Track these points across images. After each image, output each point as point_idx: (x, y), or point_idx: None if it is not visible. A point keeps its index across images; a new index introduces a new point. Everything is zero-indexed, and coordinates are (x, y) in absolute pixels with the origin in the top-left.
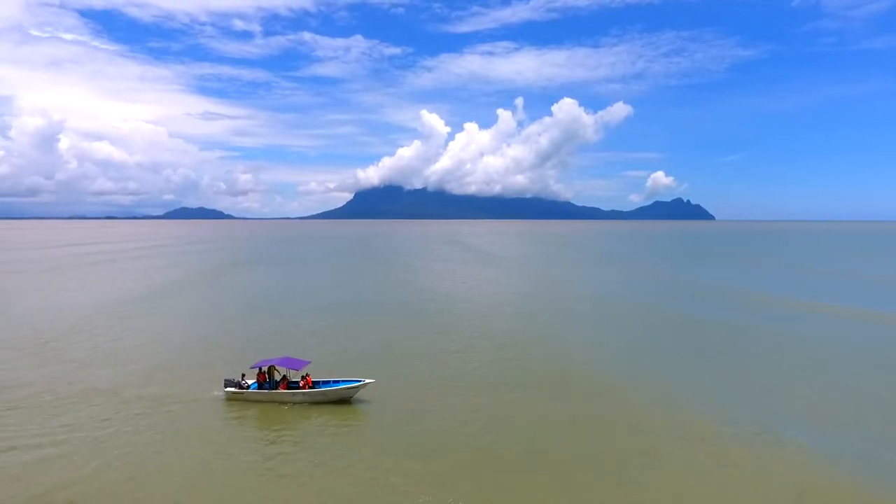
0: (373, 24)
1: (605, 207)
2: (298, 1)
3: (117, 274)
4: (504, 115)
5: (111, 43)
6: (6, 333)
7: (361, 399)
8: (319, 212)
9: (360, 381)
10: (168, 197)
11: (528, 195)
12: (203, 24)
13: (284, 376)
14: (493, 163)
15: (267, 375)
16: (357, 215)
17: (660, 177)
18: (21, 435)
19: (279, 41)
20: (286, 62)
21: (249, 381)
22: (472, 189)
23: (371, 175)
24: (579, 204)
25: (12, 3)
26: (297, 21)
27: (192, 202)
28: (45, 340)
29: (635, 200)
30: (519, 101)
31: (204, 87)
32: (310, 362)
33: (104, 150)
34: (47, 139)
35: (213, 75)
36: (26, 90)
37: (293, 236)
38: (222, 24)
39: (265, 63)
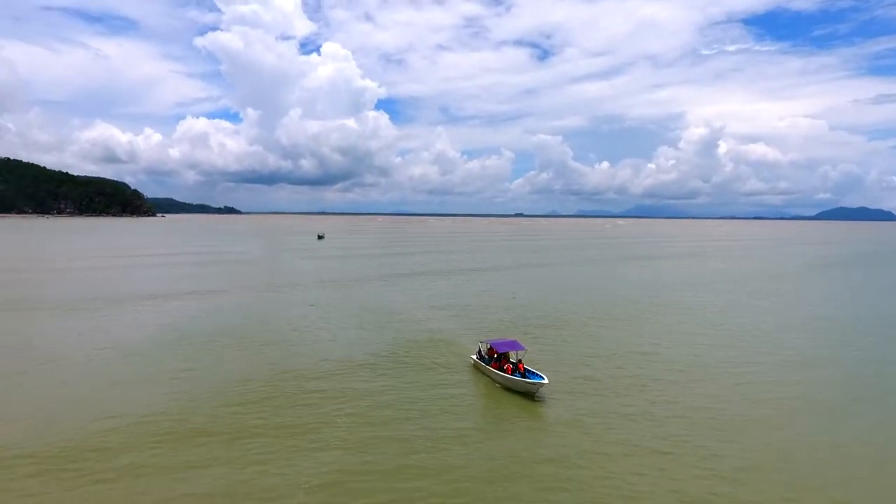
0: None
1: None
2: None
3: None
4: None
5: (772, 43)
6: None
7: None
8: None
9: (537, 379)
10: (822, 196)
11: None
12: None
13: (503, 356)
14: None
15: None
16: None
17: None
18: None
19: None
20: None
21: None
22: None
23: None
24: None
25: (687, 30)
26: None
27: (852, 201)
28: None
29: None
30: None
31: (878, 67)
32: (525, 350)
33: (758, 150)
34: (708, 146)
35: (890, 50)
36: (693, 105)
37: None
38: None
39: None
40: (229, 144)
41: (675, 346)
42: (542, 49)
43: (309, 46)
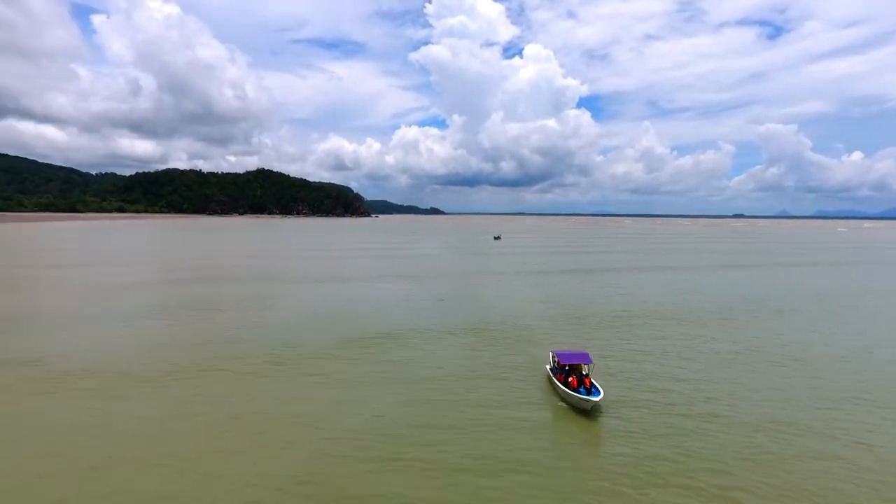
0: None
1: None
2: None
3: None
4: None
5: None
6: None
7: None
8: None
9: (593, 395)
10: None
11: None
12: None
13: (573, 367)
14: None
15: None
16: None
17: None
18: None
19: None
20: None
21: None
22: None
23: None
24: None
25: None
26: None
27: None
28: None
29: None
30: None
31: None
32: (593, 364)
33: None
34: None
35: None
36: None
37: None
38: None
39: None
40: (436, 149)
41: (785, 361)
42: (773, 26)
43: (511, 50)
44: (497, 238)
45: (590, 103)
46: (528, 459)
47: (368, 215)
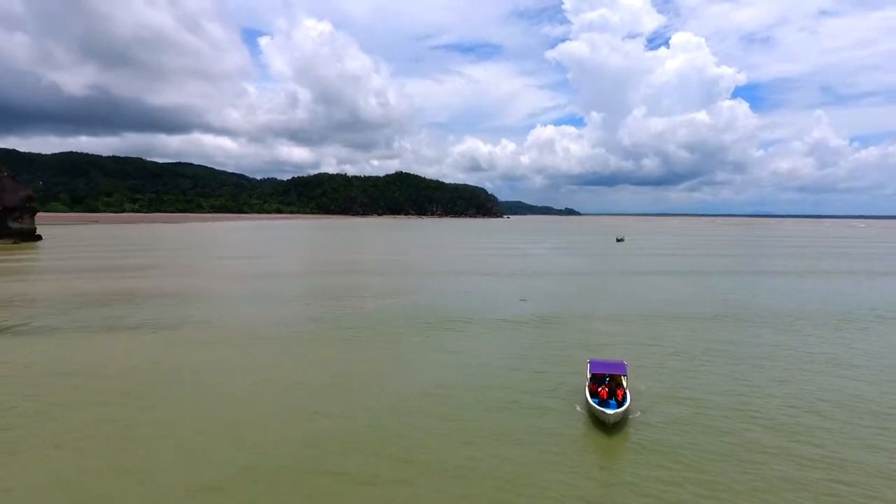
0: None
1: None
2: None
3: None
4: None
5: None
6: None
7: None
8: None
9: (611, 409)
10: None
11: None
12: None
13: (605, 377)
14: None
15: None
16: None
17: None
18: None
19: None
20: None
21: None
22: None
23: None
24: None
25: None
26: None
27: None
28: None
29: None
30: None
31: None
32: (625, 374)
33: None
34: None
35: None
36: None
37: None
38: None
39: None
40: (573, 149)
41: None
42: None
43: (657, 41)
44: (620, 240)
45: (748, 93)
46: (524, 440)
47: (500, 216)
